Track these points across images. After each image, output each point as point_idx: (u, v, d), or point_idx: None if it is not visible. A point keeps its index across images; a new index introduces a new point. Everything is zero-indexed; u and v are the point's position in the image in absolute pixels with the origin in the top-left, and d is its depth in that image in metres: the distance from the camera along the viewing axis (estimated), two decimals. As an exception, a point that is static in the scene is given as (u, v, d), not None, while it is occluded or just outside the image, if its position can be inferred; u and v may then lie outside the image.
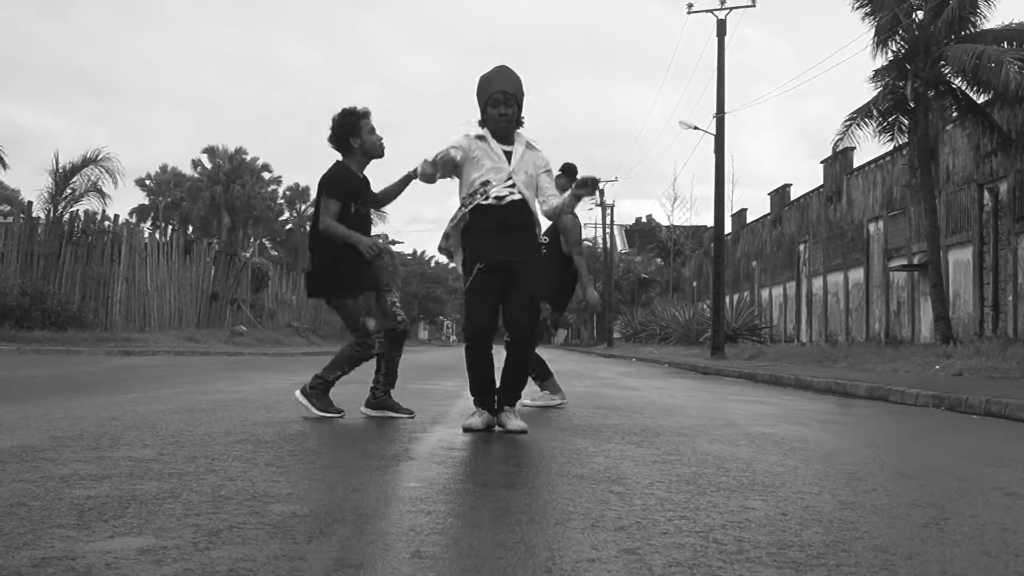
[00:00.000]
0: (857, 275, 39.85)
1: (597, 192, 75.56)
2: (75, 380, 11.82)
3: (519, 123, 7.07)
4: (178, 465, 4.71)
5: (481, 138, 7.01)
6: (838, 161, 41.05)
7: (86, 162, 32.01)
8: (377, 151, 7.79)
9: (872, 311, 38.29)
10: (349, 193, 7.64)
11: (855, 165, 40.28)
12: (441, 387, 12.00)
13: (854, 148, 31.09)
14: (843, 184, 41.50)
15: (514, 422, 6.93)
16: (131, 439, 5.71)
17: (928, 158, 26.71)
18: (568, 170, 9.74)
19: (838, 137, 28.62)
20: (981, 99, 26.18)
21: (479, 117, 7.08)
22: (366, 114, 7.77)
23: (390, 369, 8.01)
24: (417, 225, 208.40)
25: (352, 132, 7.68)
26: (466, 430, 6.89)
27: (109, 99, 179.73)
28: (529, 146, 7.09)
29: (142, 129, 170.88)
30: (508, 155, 6.97)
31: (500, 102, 6.90)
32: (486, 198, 6.87)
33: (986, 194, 28.71)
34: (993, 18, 25.97)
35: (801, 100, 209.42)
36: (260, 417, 7.58)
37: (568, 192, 7.11)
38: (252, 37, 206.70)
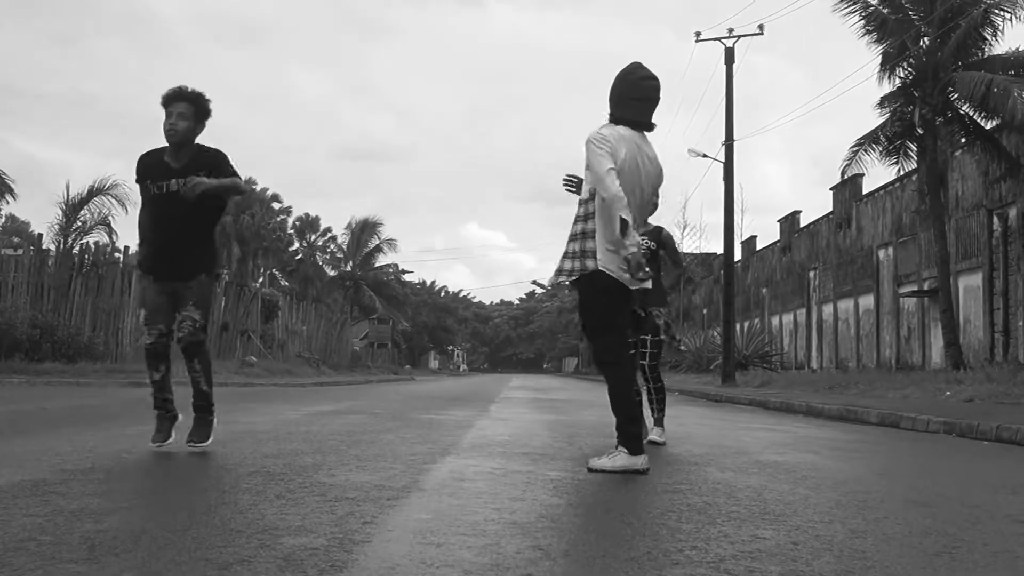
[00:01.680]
0: (867, 301, 39.80)
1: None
2: (85, 412, 11.82)
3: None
4: (189, 498, 4.71)
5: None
6: (847, 188, 41.08)
7: (94, 192, 32.10)
8: (167, 137, 7.38)
9: (883, 337, 38.21)
10: (144, 174, 7.39)
11: (864, 192, 40.28)
12: (452, 417, 12.00)
13: (863, 175, 31.15)
14: (852, 211, 41.50)
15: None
16: (141, 472, 5.71)
17: (937, 184, 26.72)
18: None
19: (846, 163, 28.66)
20: (989, 125, 26.18)
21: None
22: (167, 99, 7.43)
23: (194, 387, 7.57)
24: (428, 256, 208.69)
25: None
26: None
27: (124, 131, 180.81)
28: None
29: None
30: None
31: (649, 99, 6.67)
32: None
33: (995, 220, 28.68)
34: (1000, 44, 25.97)
35: (810, 127, 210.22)
36: (270, 449, 7.57)
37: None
38: (266, 68, 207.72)
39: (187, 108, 7.41)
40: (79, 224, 31.79)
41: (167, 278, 7.30)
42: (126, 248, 33.19)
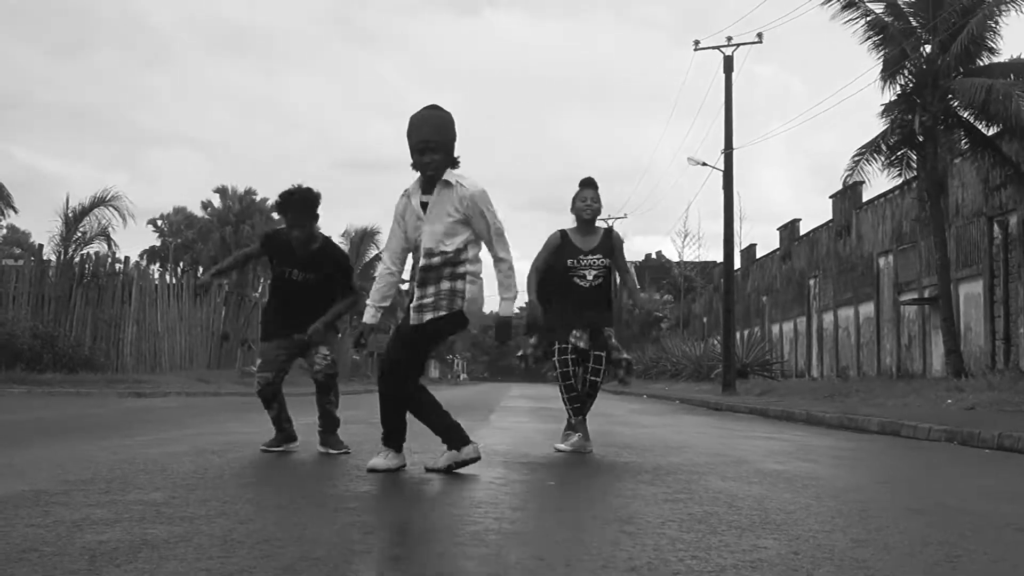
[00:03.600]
0: (868, 309, 39.79)
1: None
2: (86, 422, 11.82)
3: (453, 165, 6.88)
4: (189, 508, 4.71)
5: (407, 194, 6.97)
6: (847, 196, 41.10)
7: (95, 203, 32.14)
8: (289, 235, 8.28)
9: (883, 345, 38.20)
10: (275, 252, 8.47)
11: (864, 199, 40.29)
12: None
13: (863, 183, 31.08)
14: (852, 219, 41.52)
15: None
16: (142, 482, 5.70)
17: (937, 192, 26.73)
18: (580, 182, 9.34)
19: (848, 173, 28.62)
20: (990, 132, 26.18)
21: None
22: (282, 204, 8.24)
23: (321, 411, 8.43)
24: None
25: (281, 212, 8.30)
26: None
27: (125, 142, 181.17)
28: (446, 185, 6.78)
29: (157, 171, 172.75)
30: (424, 205, 6.79)
31: (425, 150, 6.75)
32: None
33: (996, 227, 28.69)
34: (1002, 51, 25.98)
35: (810, 135, 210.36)
36: (271, 459, 7.58)
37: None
38: (264, 77, 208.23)
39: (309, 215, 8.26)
40: (79, 235, 31.82)
41: (291, 331, 8.32)
42: (126, 259, 33.24)
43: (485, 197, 6.76)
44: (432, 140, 6.73)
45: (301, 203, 8.07)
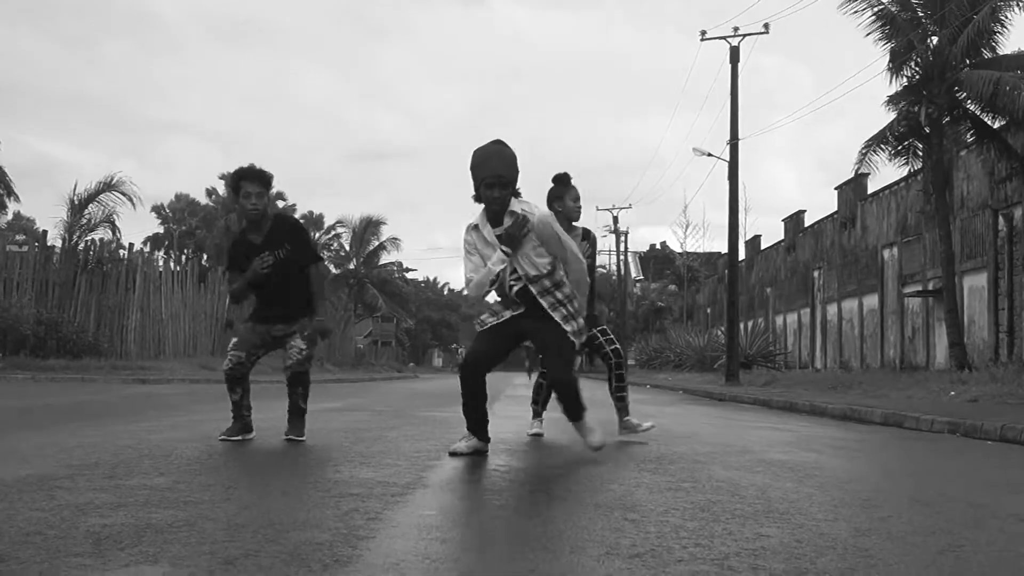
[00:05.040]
0: (872, 301, 39.77)
1: (612, 220, 75.36)
2: (90, 409, 11.84)
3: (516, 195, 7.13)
4: (194, 493, 4.72)
5: (475, 227, 7.17)
6: (852, 187, 41.05)
7: (102, 188, 32.16)
8: (244, 215, 8.08)
9: (887, 337, 38.19)
10: (237, 261, 8.13)
11: (869, 191, 40.24)
12: (455, 415, 11.94)
13: (868, 174, 31.05)
14: (857, 210, 41.46)
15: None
16: (146, 467, 5.71)
17: (943, 184, 26.67)
18: (560, 180, 9.23)
19: (857, 164, 28.50)
20: (996, 124, 26.13)
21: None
22: (241, 176, 7.97)
23: (291, 404, 8.15)
24: (434, 253, 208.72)
25: (235, 195, 8.03)
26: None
27: (134, 131, 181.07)
28: (513, 215, 7.01)
29: (165, 160, 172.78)
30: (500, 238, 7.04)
31: (494, 185, 6.93)
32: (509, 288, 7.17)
33: (1001, 219, 28.66)
34: (1009, 44, 25.98)
35: (816, 126, 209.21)
36: (274, 445, 7.58)
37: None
38: (273, 68, 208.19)
39: (261, 187, 8.00)
40: (85, 221, 31.83)
41: (274, 320, 8.13)
42: (131, 245, 33.24)
43: (552, 220, 7.22)
44: (503, 176, 6.95)
45: (258, 173, 7.95)
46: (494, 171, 6.90)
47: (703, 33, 35.89)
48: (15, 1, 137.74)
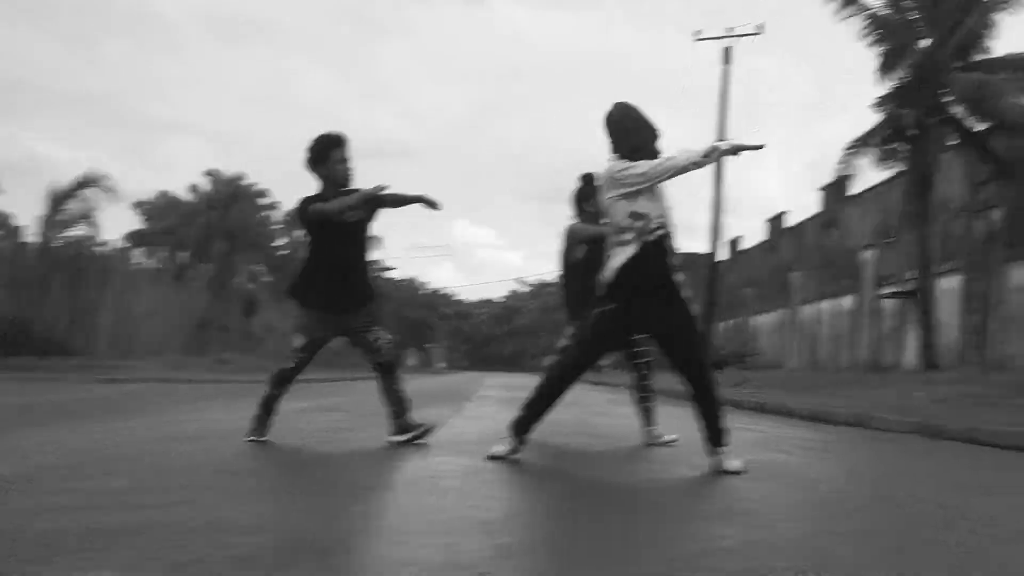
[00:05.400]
0: (848, 302, 39.93)
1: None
2: (57, 408, 11.76)
3: None
4: (151, 497, 4.68)
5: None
6: (835, 188, 41.17)
7: (82, 184, 31.99)
8: (342, 180, 7.63)
9: (860, 338, 38.32)
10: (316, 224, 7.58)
11: (851, 193, 40.37)
12: (427, 416, 11.90)
13: (852, 176, 31.21)
14: (839, 212, 41.58)
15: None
16: (107, 469, 5.67)
17: (924, 186, 26.81)
18: (589, 179, 9.00)
19: (840, 166, 28.64)
20: (980, 128, 26.26)
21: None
22: (338, 142, 7.62)
23: (392, 399, 7.78)
24: (417, 252, 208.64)
25: (321, 160, 7.62)
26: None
27: (134, 129, 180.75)
28: None
29: (165, 159, 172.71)
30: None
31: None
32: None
33: (978, 223, 28.79)
34: (998, 48, 26.10)
35: (808, 126, 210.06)
36: (240, 447, 7.52)
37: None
38: (271, 66, 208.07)
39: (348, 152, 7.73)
40: (63, 218, 31.65)
41: (338, 310, 7.69)
42: (106, 242, 33.13)
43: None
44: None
45: (346, 139, 7.69)
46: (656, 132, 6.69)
47: (697, 33, 36.09)
48: (16, 0, 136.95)
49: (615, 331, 6.66)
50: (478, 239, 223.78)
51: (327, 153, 7.59)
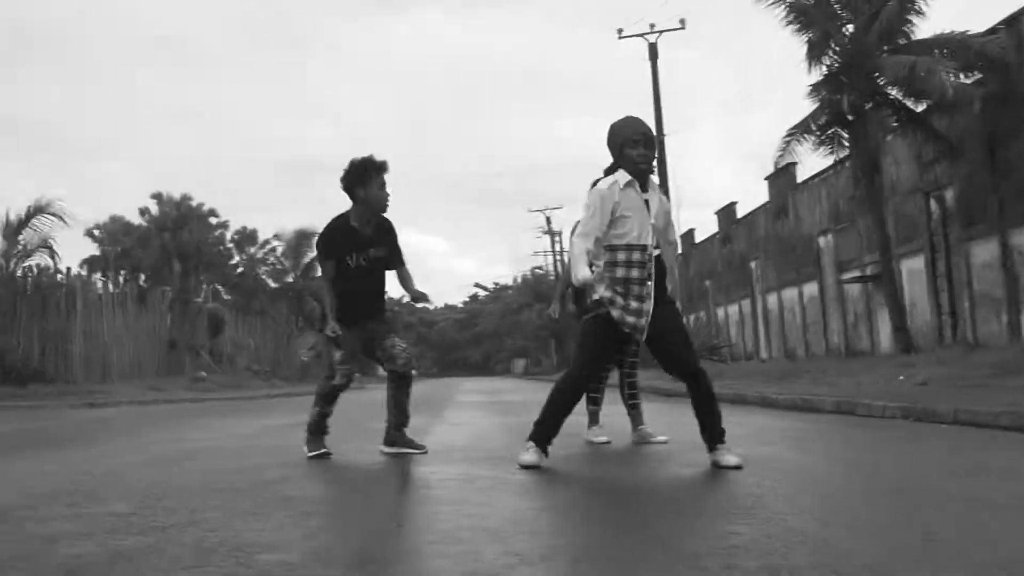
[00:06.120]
0: (812, 289, 40.00)
1: (545, 220, 75.31)
2: (41, 436, 11.71)
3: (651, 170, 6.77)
4: (158, 519, 4.68)
5: (630, 184, 6.60)
6: (782, 177, 41.24)
7: (34, 212, 31.73)
8: (380, 207, 7.76)
9: (829, 324, 38.45)
10: (341, 248, 7.73)
11: (799, 180, 40.44)
12: (408, 425, 11.89)
13: (796, 163, 31.30)
14: (789, 199, 41.62)
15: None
16: (107, 494, 5.66)
17: (871, 169, 26.90)
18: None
19: (779, 154, 28.69)
20: (920, 108, 26.39)
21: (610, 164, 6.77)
22: (380, 168, 7.69)
23: (398, 409, 7.96)
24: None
25: (360, 183, 7.66)
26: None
27: (58, 154, 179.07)
28: (654, 186, 6.73)
29: (93, 183, 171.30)
30: (646, 203, 6.64)
31: (640, 143, 6.58)
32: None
33: (932, 202, 28.94)
34: (924, 29, 26.20)
35: (741, 117, 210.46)
36: (232, 464, 7.52)
37: None
38: (196, 87, 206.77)
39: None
40: (20, 247, 31.41)
41: (364, 320, 7.86)
42: (68, 269, 32.89)
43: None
44: (648, 133, 6.70)
45: (386, 164, 7.80)
46: (640, 129, 6.65)
47: (620, 31, 36.16)
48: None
49: (611, 336, 6.72)
50: (427, 247, 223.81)
51: (369, 176, 7.68)
